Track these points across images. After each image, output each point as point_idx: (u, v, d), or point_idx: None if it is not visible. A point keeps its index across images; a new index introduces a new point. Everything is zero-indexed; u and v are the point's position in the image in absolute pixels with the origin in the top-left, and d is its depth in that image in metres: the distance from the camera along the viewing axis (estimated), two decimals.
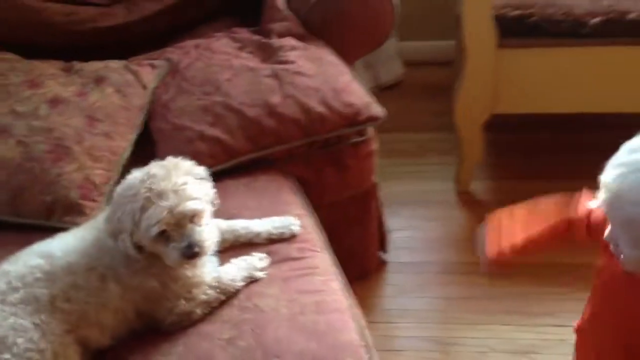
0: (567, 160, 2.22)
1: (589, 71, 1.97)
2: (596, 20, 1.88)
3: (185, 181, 1.15)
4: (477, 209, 2.12)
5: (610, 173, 0.97)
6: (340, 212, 1.73)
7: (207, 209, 1.19)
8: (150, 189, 1.12)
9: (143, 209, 1.12)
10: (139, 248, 1.16)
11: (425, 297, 1.88)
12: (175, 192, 1.13)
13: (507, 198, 1.39)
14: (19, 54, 1.76)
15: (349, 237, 1.79)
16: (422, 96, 2.63)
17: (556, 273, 1.84)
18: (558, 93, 2.02)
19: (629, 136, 1.00)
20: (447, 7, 2.39)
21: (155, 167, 1.16)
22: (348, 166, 1.68)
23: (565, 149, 2.32)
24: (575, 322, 1.22)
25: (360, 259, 1.88)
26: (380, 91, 2.36)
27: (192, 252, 1.14)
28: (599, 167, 0.99)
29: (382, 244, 1.97)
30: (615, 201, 0.96)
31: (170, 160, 1.18)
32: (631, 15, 1.86)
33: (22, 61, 1.71)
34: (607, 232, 1.02)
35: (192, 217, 1.15)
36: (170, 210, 1.12)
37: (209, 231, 1.19)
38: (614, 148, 0.99)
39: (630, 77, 1.95)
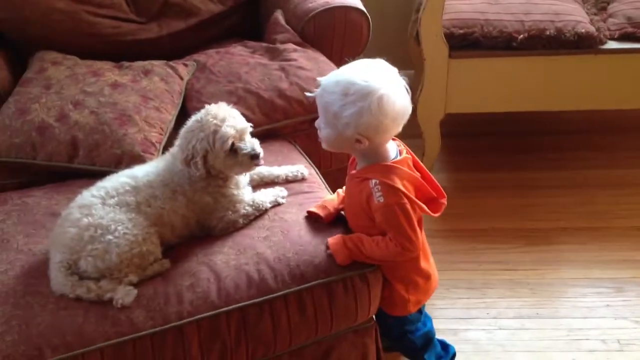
0: (505, 159, 2.76)
1: (519, 76, 2.42)
2: (522, 36, 2.36)
3: (232, 112, 1.57)
4: None
5: (325, 78, 1.46)
6: (331, 181, 2.03)
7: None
8: (215, 118, 1.53)
9: (215, 132, 1.51)
10: (208, 171, 1.55)
11: None
12: (232, 116, 1.55)
13: (460, 185, 1.88)
14: None
15: None
16: None
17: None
18: (495, 95, 2.46)
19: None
20: (406, 44, 2.84)
21: (209, 107, 1.56)
22: None
23: (501, 148, 2.84)
24: None
25: None
26: None
27: (256, 153, 1.55)
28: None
29: None
30: (319, 93, 1.45)
31: (216, 104, 1.58)
32: (548, 32, 2.35)
33: (82, 61, 2.08)
34: (317, 121, 1.49)
35: (245, 134, 1.56)
36: (234, 127, 1.53)
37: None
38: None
39: (549, 80, 2.42)
